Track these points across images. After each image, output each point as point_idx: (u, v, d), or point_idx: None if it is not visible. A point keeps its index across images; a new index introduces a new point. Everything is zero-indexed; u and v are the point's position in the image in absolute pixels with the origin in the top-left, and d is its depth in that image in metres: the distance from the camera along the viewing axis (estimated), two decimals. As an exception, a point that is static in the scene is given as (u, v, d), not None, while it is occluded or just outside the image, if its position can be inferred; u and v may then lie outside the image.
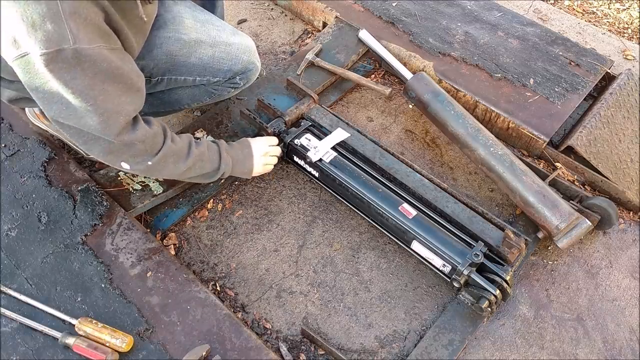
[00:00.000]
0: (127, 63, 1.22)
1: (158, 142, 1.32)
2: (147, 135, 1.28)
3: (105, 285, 1.36)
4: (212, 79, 1.59)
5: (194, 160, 1.40)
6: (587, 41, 2.29)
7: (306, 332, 1.44)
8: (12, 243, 1.42)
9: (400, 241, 1.58)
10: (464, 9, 2.26)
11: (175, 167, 1.38)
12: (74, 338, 1.24)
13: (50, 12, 1.04)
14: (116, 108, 1.20)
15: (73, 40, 1.06)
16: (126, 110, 1.22)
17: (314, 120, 1.80)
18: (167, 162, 1.36)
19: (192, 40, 1.51)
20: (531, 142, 1.86)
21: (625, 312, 1.55)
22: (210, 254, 1.60)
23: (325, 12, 2.26)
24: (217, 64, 1.56)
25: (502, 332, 1.49)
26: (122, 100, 1.21)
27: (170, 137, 1.36)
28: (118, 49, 1.19)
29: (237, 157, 1.54)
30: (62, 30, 1.05)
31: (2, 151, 1.61)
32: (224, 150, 1.50)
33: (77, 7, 1.06)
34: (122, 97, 1.20)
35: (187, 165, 1.39)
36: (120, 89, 1.19)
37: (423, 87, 1.83)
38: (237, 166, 1.55)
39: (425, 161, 1.88)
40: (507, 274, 1.42)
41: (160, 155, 1.32)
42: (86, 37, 1.08)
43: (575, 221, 1.55)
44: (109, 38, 1.15)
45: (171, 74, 1.54)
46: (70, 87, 1.12)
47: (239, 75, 1.62)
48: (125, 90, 1.21)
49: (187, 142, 1.40)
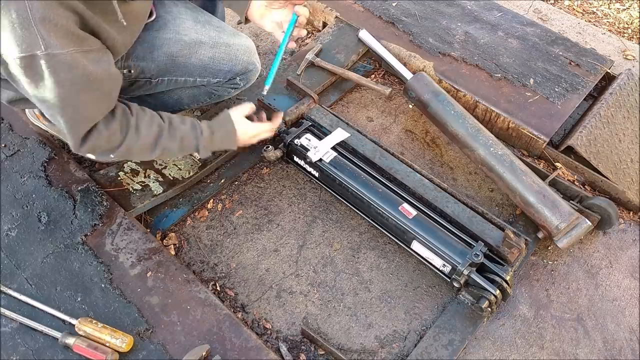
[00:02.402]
0: (102, 66, 1.22)
1: (115, 141, 1.31)
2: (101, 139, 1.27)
3: (105, 285, 1.36)
4: (212, 79, 1.59)
5: (161, 152, 1.40)
6: (587, 41, 2.29)
7: (306, 332, 1.44)
8: (12, 243, 1.42)
9: (400, 241, 1.58)
10: (464, 9, 2.26)
11: (142, 156, 1.47)
12: (74, 338, 1.24)
13: (20, 18, 1.05)
14: (86, 115, 1.23)
15: (45, 46, 1.07)
16: (95, 117, 1.24)
17: (314, 120, 1.80)
18: (132, 153, 1.38)
19: (193, 41, 1.51)
20: (531, 142, 1.86)
21: (625, 312, 1.55)
22: (210, 254, 1.60)
23: (325, 12, 2.27)
24: (217, 65, 1.56)
25: (502, 332, 1.49)
26: (94, 107, 1.23)
27: (135, 128, 1.33)
28: (94, 50, 1.19)
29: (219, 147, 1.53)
30: (33, 37, 1.06)
31: (2, 151, 1.61)
32: (202, 147, 1.46)
33: (47, 12, 1.06)
34: (95, 104, 1.23)
35: (155, 156, 1.41)
36: (94, 97, 1.22)
37: (423, 87, 1.83)
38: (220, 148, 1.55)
39: (425, 161, 1.88)
40: (507, 274, 1.42)
41: (122, 150, 1.33)
42: (58, 42, 1.09)
43: (575, 221, 1.55)
44: (83, 42, 1.15)
45: (171, 75, 1.54)
46: (44, 94, 1.15)
47: (239, 76, 1.62)
48: (98, 98, 1.23)
49: (154, 134, 1.36)
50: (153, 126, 1.37)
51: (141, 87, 1.55)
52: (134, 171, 1.66)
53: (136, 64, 1.47)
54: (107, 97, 1.26)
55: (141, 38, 1.45)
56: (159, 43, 1.48)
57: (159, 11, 1.50)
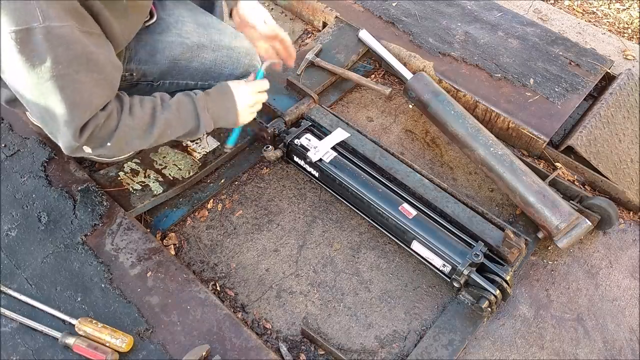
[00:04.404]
0: (103, 51, 1.15)
1: (111, 125, 1.22)
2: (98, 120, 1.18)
3: (105, 285, 1.36)
4: (213, 83, 1.59)
5: (162, 128, 1.30)
6: (587, 41, 2.29)
7: (306, 332, 1.44)
8: (12, 243, 1.42)
9: (400, 241, 1.58)
10: (464, 9, 2.26)
11: (141, 140, 1.29)
12: (74, 338, 1.24)
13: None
14: (87, 99, 1.13)
15: (42, 17, 1.00)
16: (95, 104, 1.16)
17: (314, 120, 1.80)
18: (128, 138, 1.26)
19: (195, 44, 1.51)
20: (531, 142, 1.86)
21: (625, 312, 1.55)
22: (210, 254, 1.60)
23: (325, 12, 2.27)
24: (219, 69, 1.56)
25: (502, 332, 1.49)
26: (95, 91, 1.14)
27: (128, 110, 1.25)
28: (95, 34, 1.14)
29: (220, 111, 1.42)
30: (30, 7, 1.00)
31: (2, 151, 1.61)
32: (201, 109, 1.36)
33: None
34: (96, 88, 1.14)
35: (154, 136, 1.30)
36: (94, 80, 1.13)
37: (423, 87, 1.83)
38: (220, 121, 1.44)
39: (425, 161, 1.88)
40: (507, 274, 1.42)
41: (118, 134, 1.23)
42: (56, 14, 1.02)
43: (575, 221, 1.55)
44: (84, 20, 1.09)
45: (173, 78, 1.54)
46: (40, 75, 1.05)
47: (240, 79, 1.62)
48: (99, 82, 1.15)
49: (149, 110, 1.28)
50: (146, 103, 1.30)
51: (142, 91, 1.54)
52: (134, 171, 1.66)
53: (138, 67, 1.47)
54: (108, 85, 1.19)
55: (143, 41, 1.45)
56: (162, 46, 1.48)
57: (160, 13, 1.49)
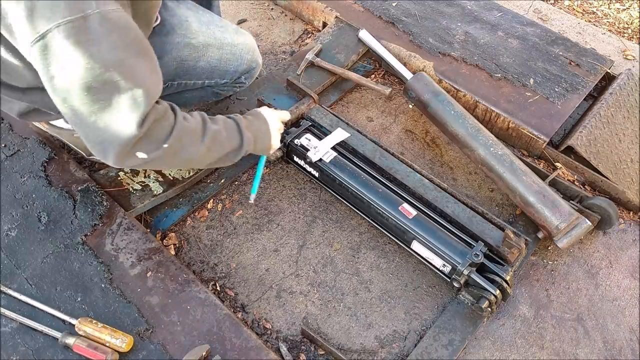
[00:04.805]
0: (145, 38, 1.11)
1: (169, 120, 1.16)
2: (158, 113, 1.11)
3: (105, 285, 1.36)
4: (219, 80, 1.60)
5: (211, 138, 1.24)
6: (587, 41, 2.29)
7: (306, 332, 1.44)
8: (12, 243, 1.42)
9: (400, 241, 1.58)
10: (464, 9, 2.26)
11: (194, 148, 1.22)
12: (74, 338, 1.24)
13: None
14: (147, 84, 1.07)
15: (96, 3, 0.98)
16: (153, 92, 1.09)
17: (314, 120, 1.80)
18: (183, 143, 1.19)
19: (201, 44, 1.52)
20: (531, 142, 1.86)
21: (625, 312, 1.55)
22: (210, 254, 1.60)
23: (325, 12, 2.26)
24: (224, 66, 1.57)
25: (502, 332, 1.49)
26: (151, 78, 1.10)
27: (182, 114, 1.20)
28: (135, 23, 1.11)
29: (257, 133, 1.40)
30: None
31: (2, 151, 1.61)
32: (243, 126, 1.35)
33: None
34: (151, 75, 1.10)
35: (206, 145, 1.23)
36: (149, 67, 1.10)
37: (423, 87, 1.83)
38: (258, 143, 1.41)
39: (425, 161, 1.88)
40: (507, 274, 1.42)
41: (175, 135, 1.15)
42: None
43: (575, 221, 1.55)
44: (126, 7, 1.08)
45: (181, 79, 1.55)
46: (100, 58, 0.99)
47: (244, 75, 1.64)
48: (153, 70, 1.11)
49: (200, 119, 1.24)
50: (193, 113, 1.26)
51: None
52: (134, 171, 1.66)
53: None
54: (159, 74, 1.13)
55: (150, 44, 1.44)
56: (169, 48, 1.48)
57: (163, 15, 1.50)
